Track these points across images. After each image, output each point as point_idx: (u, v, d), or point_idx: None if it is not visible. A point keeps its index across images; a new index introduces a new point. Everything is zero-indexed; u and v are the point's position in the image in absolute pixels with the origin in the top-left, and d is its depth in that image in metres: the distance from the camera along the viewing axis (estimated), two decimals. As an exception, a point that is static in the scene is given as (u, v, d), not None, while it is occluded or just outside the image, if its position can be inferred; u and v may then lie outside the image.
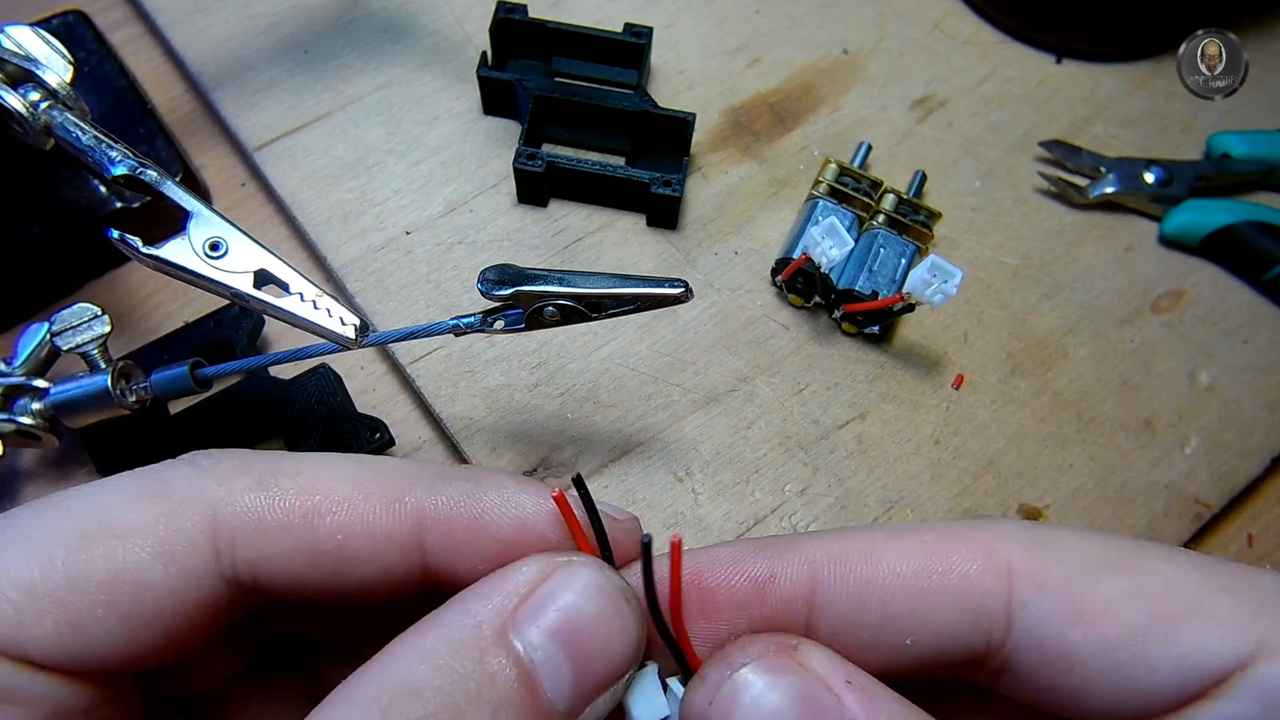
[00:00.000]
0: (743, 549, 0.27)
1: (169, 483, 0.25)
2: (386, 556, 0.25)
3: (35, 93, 0.38)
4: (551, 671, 0.23)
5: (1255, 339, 0.51)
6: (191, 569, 0.24)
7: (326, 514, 0.25)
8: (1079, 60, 0.58)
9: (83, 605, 0.23)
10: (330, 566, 0.25)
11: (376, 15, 0.55)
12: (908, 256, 0.48)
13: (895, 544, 0.26)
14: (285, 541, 0.25)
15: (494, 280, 0.37)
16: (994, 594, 0.25)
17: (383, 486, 0.26)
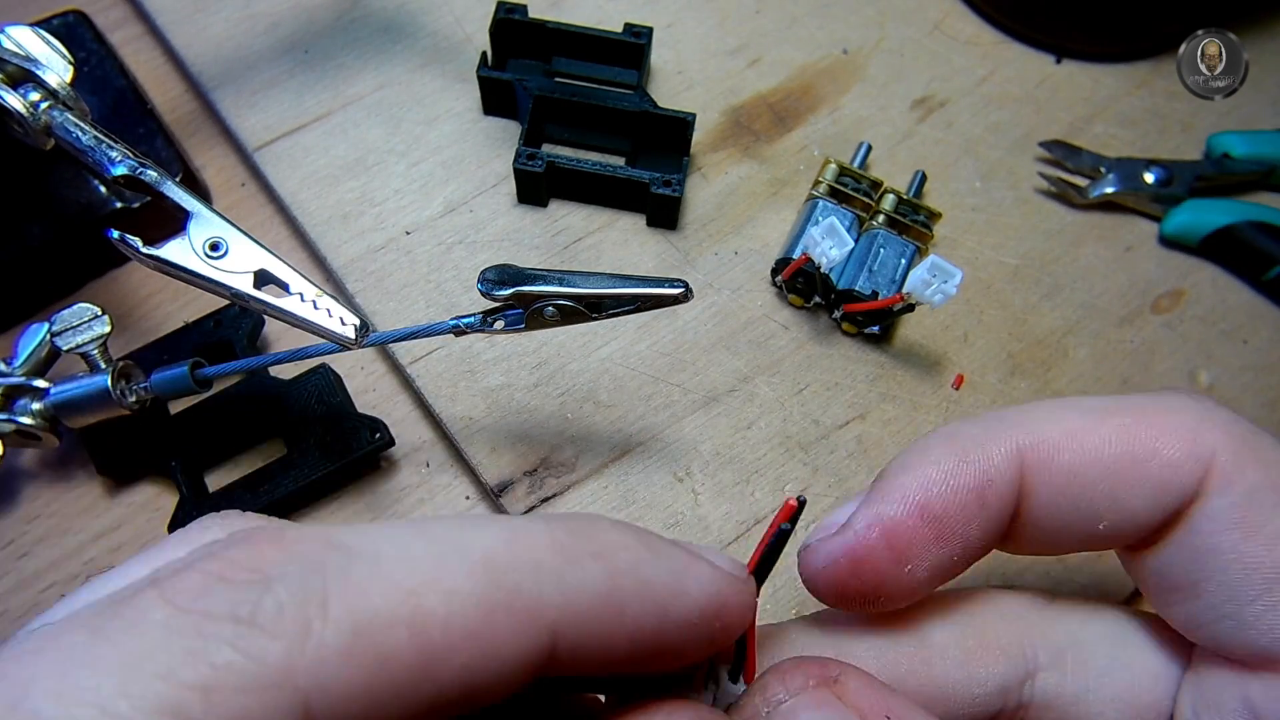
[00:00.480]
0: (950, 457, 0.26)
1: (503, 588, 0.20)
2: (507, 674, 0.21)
3: (35, 93, 0.38)
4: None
5: (1255, 339, 0.51)
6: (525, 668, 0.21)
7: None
8: (1079, 60, 0.58)
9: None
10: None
11: (376, 15, 0.55)
12: (908, 256, 0.48)
13: (1098, 425, 0.26)
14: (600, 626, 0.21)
15: (494, 280, 0.37)
16: (1189, 481, 0.25)
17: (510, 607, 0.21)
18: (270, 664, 0.17)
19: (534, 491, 0.44)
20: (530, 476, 0.44)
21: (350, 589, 0.19)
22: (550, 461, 0.44)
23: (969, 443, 0.26)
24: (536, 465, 0.44)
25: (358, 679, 0.18)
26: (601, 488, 0.44)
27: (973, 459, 0.26)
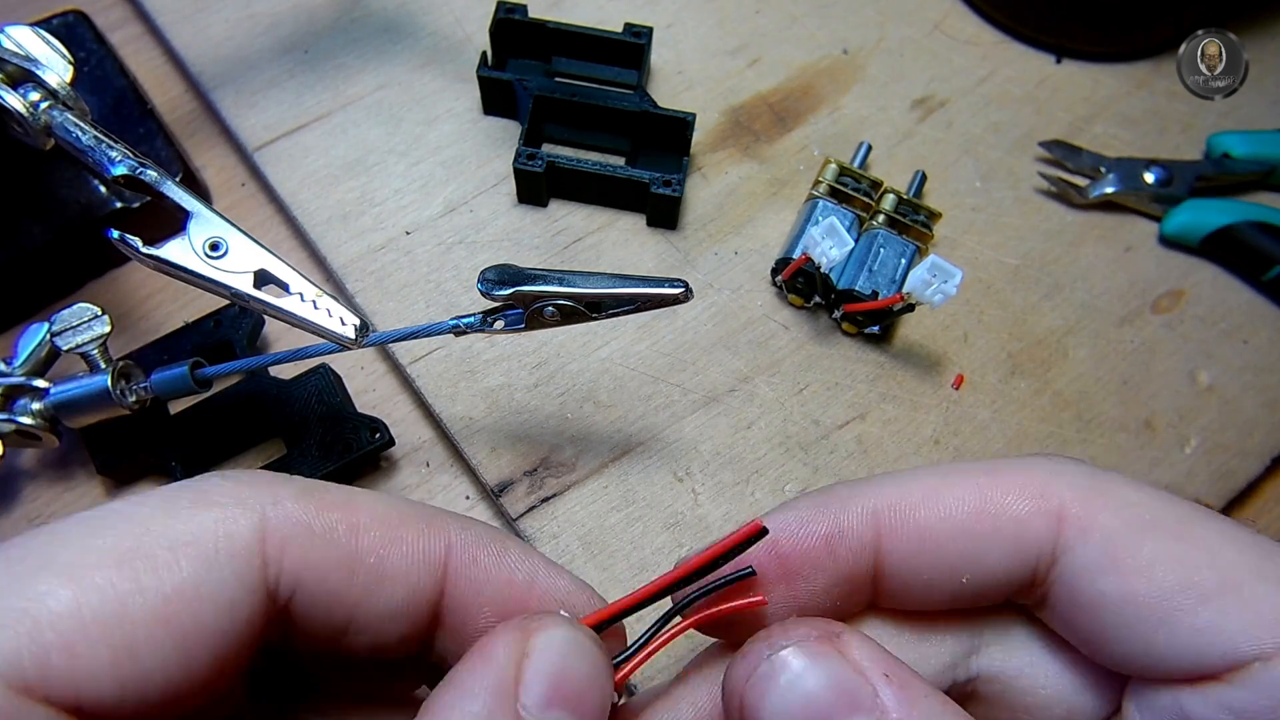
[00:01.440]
0: (808, 508, 0.28)
1: (207, 492, 0.24)
2: (417, 579, 0.25)
3: (35, 93, 0.38)
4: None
5: (1255, 339, 0.51)
6: (248, 578, 0.23)
7: (369, 529, 0.25)
8: (1079, 60, 0.58)
9: (138, 629, 0.21)
10: (367, 582, 0.24)
11: (376, 15, 0.55)
12: (908, 256, 0.48)
13: (952, 486, 0.27)
14: (330, 552, 0.24)
15: (494, 280, 0.37)
16: (1043, 535, 0.26)
17: (417, 512, 0.26)
18: None
19: (534, 491, 0.44)
20: (530, 476, 0.44)
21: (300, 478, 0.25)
22: (550, 461, 0.44)
23: (831, 498, 0.28)
24: (536, 465, 0.44)
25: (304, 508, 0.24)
26: (601, 488, 0.44)
27: (828, 510, 0.27)
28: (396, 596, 0.25)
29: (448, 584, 0.26)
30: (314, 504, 0.24)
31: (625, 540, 0.43)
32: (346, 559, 0.24)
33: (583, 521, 0.43)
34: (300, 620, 0.24)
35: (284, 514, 0.24)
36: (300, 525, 0.24)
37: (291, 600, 0.24)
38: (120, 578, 0.21)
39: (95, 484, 0.44)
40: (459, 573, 0.26)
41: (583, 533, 0.43)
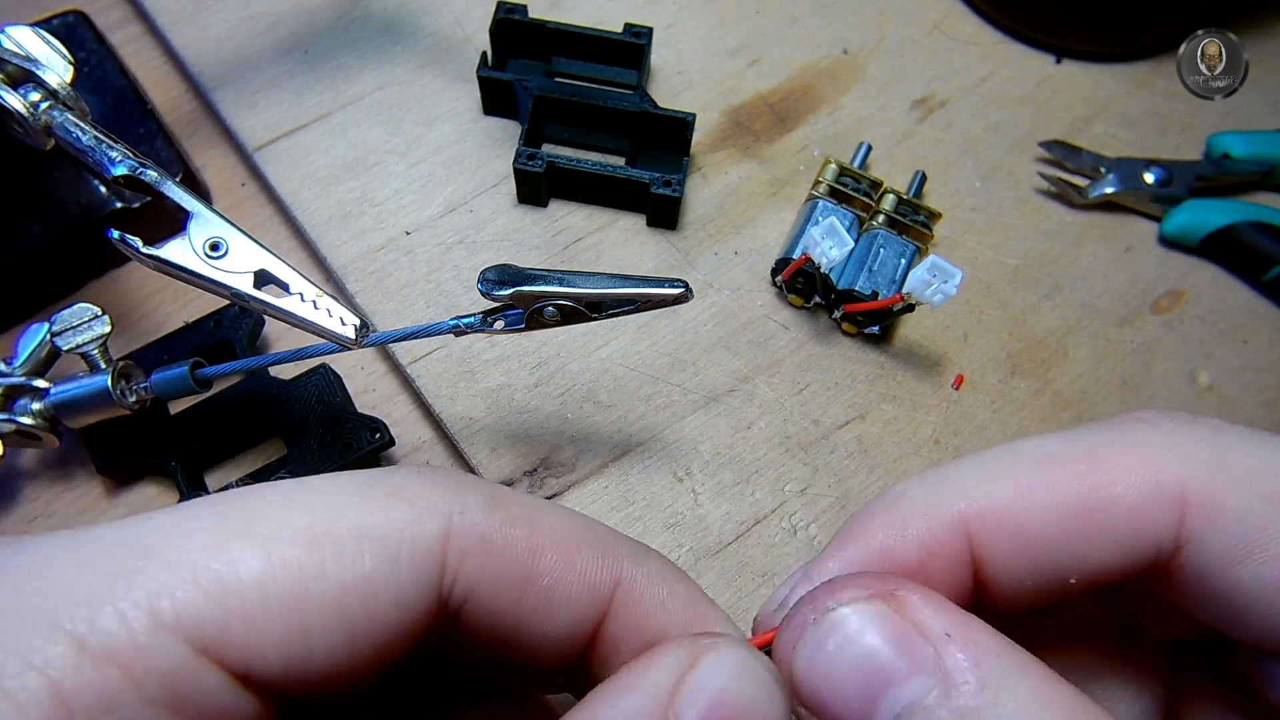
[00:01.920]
0: (891, 527, 0.26)
1: (402, 487, 0.24)
2: (582, 608, 0.25)
3: (35, 93, 0.38)
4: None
5: (1255, 339, 0.51)
6: (425, 581, 0.23)
7: (547, 550, 0.24)
8: (1079, 60, 0.58)
9: (314, 612, 0.21)
10: (536, 605, 0.24)
11: (376, 15, 0.55)
12: (908, 257, 0.48)
13: (1047, 479, 0.25)
14: (507, 569, 0.24)
15: (494, 280, 0.37)
16: (1163, 524, 0.24)
17: (594, 537, 0.26)
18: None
19: (534, 491, 0.44)
20: (530, 476, 0.44)
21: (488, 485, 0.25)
22: (550, 461, 0.44)
23: (909, 514, 0.26)
24: (536, 465, 0.44)
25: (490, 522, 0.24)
26: (601, 488, 0.44)
27: (912, 533, 0.25)
28: (561, 623, 0.25)
29: (609, 616, 0.25)
30: (499, 517, 0.24)
31: (625, 540, 0.43)
32: (521, 579, 0.24)
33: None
34: (466, 627, 0.24)
35: (469, 524, 0.23)
36: (483, 539, 0.23)
37: (462, 608, 0.24)
38: (308, 559, 0.21)
39: (95, 484, 0.44)
40: (622, 608, 0.25)
41: (583, 533, 0.43)
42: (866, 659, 0.22)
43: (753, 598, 0.42)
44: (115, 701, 0.18)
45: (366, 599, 0.22)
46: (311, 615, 0.21)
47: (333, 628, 0.21)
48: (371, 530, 0.22)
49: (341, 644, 0.21)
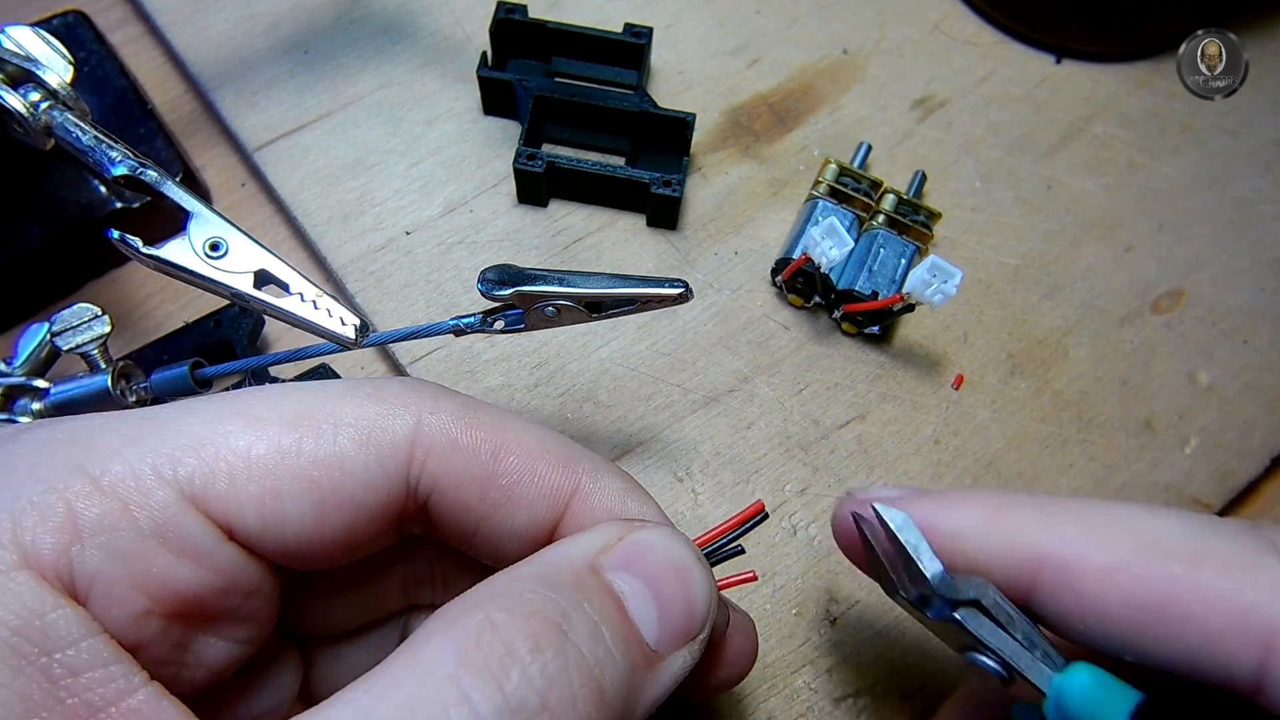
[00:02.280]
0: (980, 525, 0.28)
1: (382, 389, 0.27)
2: (539, 509, 0.28)
3: (35, 93, 0.38)
4: (639, 606, 0.25)
5: (1255, 339, 0.51)
6: (390, 468, 0.26)
7: (510, 454, 0.27)
8: (1079, 60, 0.58)
9: (287, 478, 0.25)
10: (495, 501, 0.27)
11: (376, 15, 0.55)
12: (908, 257, 0.48)
13: (1143, 570, 0.25)
14: (470, 466, 0.27)
15: (494, 280, 0.37)
16: (1242, 658, 0.23)
17: (560, 450, 0.29)
18: None
19: (534, 491, 0.44)
20: (530, 476, 0.44)
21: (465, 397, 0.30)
22: (550, 461, 0.44)
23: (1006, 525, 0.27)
24: (536, 465, 0.44)
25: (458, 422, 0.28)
26: (601, 488, 0.44)
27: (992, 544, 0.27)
28: (519, 521, 0.28)
29: (563, 521, 0.28)
30: (467, 420, 0.27)
31: (625, 540, 0.43)
32: (482, 476, 0.27)
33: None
34: (435, 518, 0.28)
35: (439, 422, 0.27)
36: (449, 436, 0.27)
37: (430, 499, 0.27)
38: (288, 436, 0.25)
39: (95, 484, 0.44)
40: (576, 514, 0.28)
41: (583, 533, 0.43)
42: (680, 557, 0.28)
43: (753, 597, 0.42)
44: (112, 524, 0.23)
45: (336, 475, 0.25)
46: (285, 481, 0.25)
47: (303, 495, 0.25)
48: (347, 418, 0.26)
49: (311, 511, 0.25)
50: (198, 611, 0.25)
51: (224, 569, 0.25)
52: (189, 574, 0.24)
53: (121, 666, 0.22)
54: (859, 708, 0.41)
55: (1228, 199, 0.55)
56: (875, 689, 0.41)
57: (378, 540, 0.27)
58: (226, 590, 0.25)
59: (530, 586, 0.24)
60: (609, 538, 0.27)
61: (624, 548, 0.26)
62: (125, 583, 0.23)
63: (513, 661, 0.22)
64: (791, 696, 0.41)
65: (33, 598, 0.22)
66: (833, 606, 0.43)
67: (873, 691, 0.41)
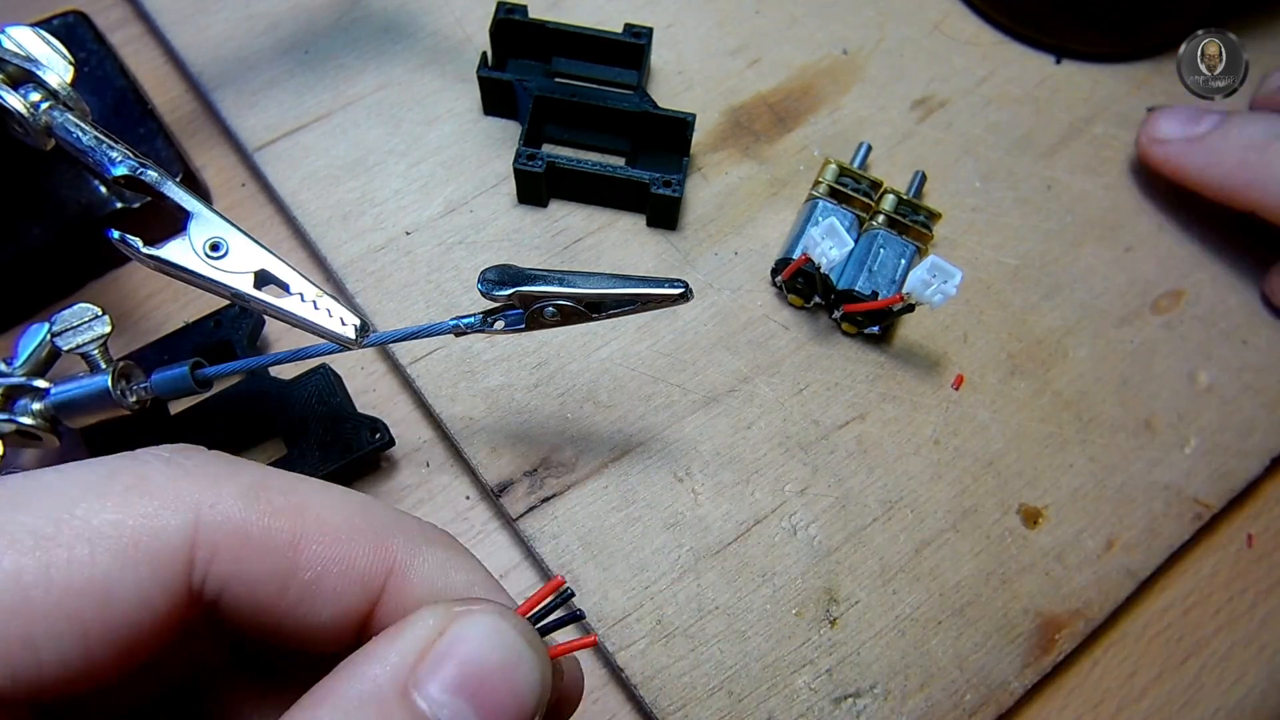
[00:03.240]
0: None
1: (147, 478, 0.22)
2: (350, 600, 0.24)
3: (35, 93, 0.38)
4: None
5: (1255, 339, 0.51)
6: (166, 579, 0.22)
7: (312, 541, 0.24)
8: (1079, 60, 0.58)
9: (38, 621, 0.20)
10: (299, 597, 0.23)
11: (376, 15, 0.55)
12: (907, 257, 0.48)
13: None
14: (265, 563, 0.23)
15: (494, 280, 0.37)
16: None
17: (370, 525, 0.25)
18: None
19: (534, 491, 0.44)
20: (530, 476, 0.44)
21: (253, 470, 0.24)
22: (550, 461, 0.44)
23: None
24: (536, 465, 0.44)
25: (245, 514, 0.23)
26: (601, 488, 0.44)
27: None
28: (327, 614, 0.24)
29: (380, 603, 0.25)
30: (257, 508, 0.23)
31: (625, 540, 0.43)
32: (282, 572, 0.23)
33: (583, 522, 0.43)
34: (225, 616, 0.24)
35: (221, 516, 0.22)
36: (237, 532, 0.23)
37: (219, 600, 0.23)
38: (30, 564, 0.20)
39: (95, 484, 0.44)
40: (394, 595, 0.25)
41: (583, 533, 0.43)
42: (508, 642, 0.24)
43: (753, 597, 0.42)
44: None
45: (100, 602, 0.21)
46: (35, 624, 0.20)
47: (62, 634, 0.21)
48: (104, 528, 0.21)
49: (74, 649, 0.21)
50: None
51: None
52: None
53: None
54: (859, 708, 0.41)
55: (1228, 199, 0.55)
56: (875, 689, 0.41)
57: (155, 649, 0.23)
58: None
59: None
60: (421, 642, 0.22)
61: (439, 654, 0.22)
62: None
63: None
64: (791, 696, 0.41)
65: None
66: (833, 607, 0.43)
67: (873, 691, 0.41)
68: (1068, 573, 0.45)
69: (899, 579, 0.44)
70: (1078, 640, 0.44)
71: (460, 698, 0.22)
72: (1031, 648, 0.43)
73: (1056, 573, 0.45)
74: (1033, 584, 0.44)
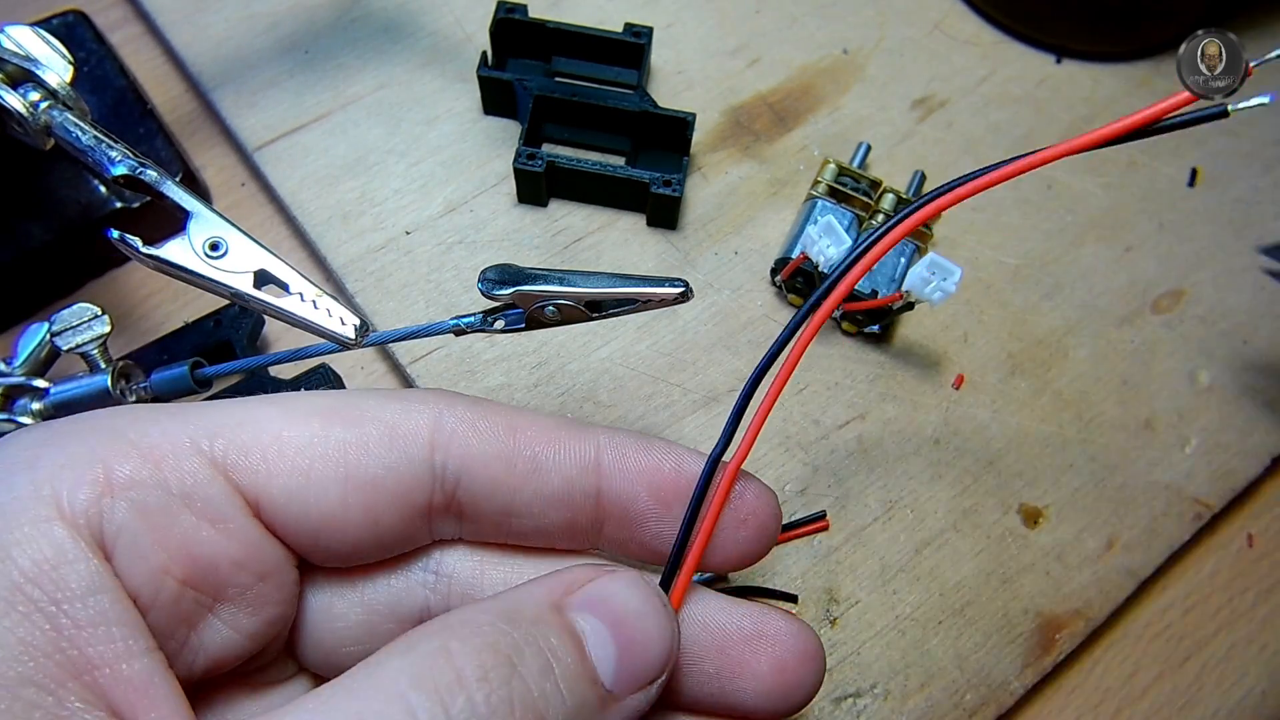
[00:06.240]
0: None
1: (402, 392, 0.30)
2: (570, 471, 0.29)
3: (35, 93, 0.38)
4: (598, 645, 0.26)
5: (1255, 339, 0.51)
6: (413, 454, 0.28)
7: (525, 430, 0.29)
8: (1079, 60, 0.58)
9: (315, 458, 0.27)
10: (525, 472, 0.29)
11: (376, 15, 0.55)
12: (907, 255, 0.48)
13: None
14: (491, 444, 0.29)
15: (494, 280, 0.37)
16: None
17: (570, 422, 0.30)
18: None
19: (534, 491, 0.44)
20: (530, 476, 0.44)
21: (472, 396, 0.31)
22: (550, 461, 0.44)
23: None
24: (536, 465, 0.44)
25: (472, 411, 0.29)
26: (601, 488, 0.44)
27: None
28: (553, 484, 0.29)
29: (602, 477, 0.30)
30: (481, 409, 0.29)
31: (625, 540, 0.43)
32: (505, 452, 0.29)
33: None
34: (468, 506, 0.29)
35: (455, 413, 0.29)
36: (466, 422, 0.29)
37: (459, 487, 0.29)
38: (317, 423, 0.27)
39: (95, 484, 0.44)
40: (611, 466, 0.30)
41: (583, 533, 0.43)
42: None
43: (753, 598, 0.42)
44: (143, 481, 0.25)
45: (361, 457, 0.27)
46: (313, 461, 0.26)
47: (329, 474, 0.27)
48: (371, 412, 0.28)
49: (336, 490, 0.27)
50: (212, 581, 0.26)
51: (244, 540, 0.26)
52: (209, 538, 0.25)
53: (126, 629, 0.23)
54: (859, 707, 0.41)
55: (1228, 199, 0.55)
56: (875, 689, 0.41)
57: (405, 532, 0.29)
58: (243, 563, 0.26)
59: (489, 619, 0.25)
60: (578, 578, 0.27)
61: (591, 589, 0.27)
62: (147, 538, 0.24)
63: (460, 688, 0.23)
64: (791, 696, 0.41)
65: (54, 548, 0.23)
66: (833, 607, 0.43)
67: (873, 691, 0.41)
68: (1068, 572, 0.45)
69: (899, 579, 0.44)
70: (1078, 640, 0.44)
71: (603, 624, 0.26)
72: (1032, 648, 0.43)
73: (1057, 572, 0.45)
74: (1033, 584, 0.44)
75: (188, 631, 0.26)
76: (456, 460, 0.28)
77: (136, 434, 0.25)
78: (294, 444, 0.27)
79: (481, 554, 0.31)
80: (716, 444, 0.31)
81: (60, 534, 0.23)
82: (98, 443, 0.25)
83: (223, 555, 0.26)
